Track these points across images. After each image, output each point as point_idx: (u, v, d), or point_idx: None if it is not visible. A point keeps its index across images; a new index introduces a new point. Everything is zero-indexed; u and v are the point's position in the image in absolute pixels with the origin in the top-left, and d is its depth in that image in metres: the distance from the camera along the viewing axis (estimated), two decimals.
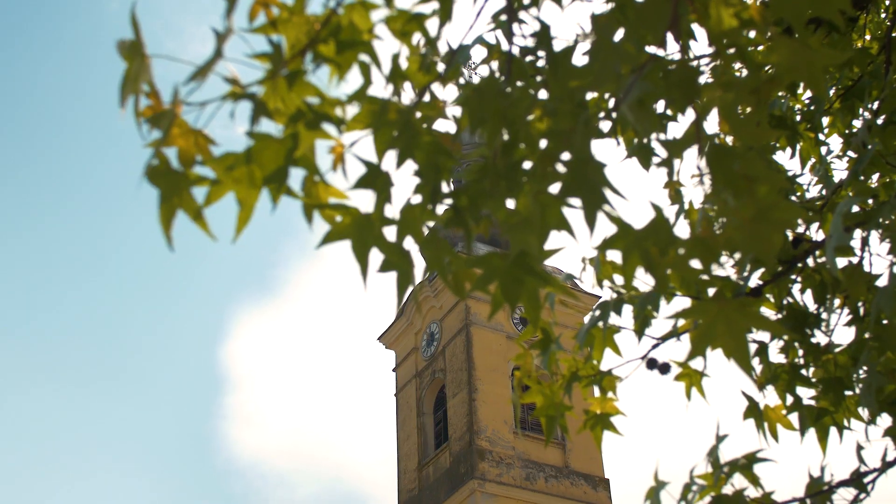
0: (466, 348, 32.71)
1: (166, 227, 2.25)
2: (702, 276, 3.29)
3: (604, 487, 32.33)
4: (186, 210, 2.26)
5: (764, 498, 3.33)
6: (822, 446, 3.77)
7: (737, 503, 3.22)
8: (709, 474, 3.25)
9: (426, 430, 33.94)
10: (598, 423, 3.78)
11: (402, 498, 33.41)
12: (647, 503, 3.18)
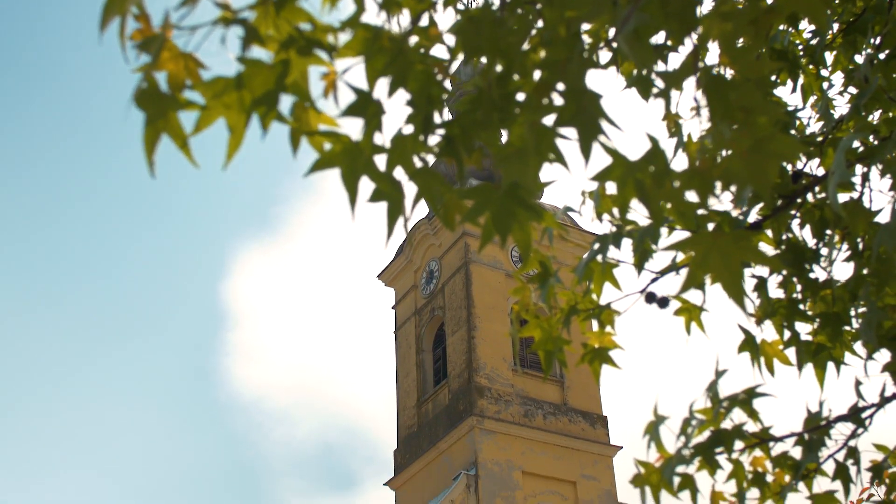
0: (466, 286, 32.75)
1: (149, 151, 2.22)
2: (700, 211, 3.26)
3: (602, 425, 32.54)
4: (172, 136, 2.22)
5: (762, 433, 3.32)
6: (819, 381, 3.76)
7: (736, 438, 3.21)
8: (708, 409, 3.25)
9: (425, 367, 34.09)
10: (596, 358, 3.77)
11: (402, 434, 33.63)
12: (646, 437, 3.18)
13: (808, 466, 3.41)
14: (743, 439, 3.27)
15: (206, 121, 2.26)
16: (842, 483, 3.48)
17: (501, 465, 29.99)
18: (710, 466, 3.19)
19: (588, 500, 30.87)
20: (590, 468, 31.46)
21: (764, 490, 3.37)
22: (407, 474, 32.42)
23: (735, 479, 3.34)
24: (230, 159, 2.31)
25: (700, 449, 3.17)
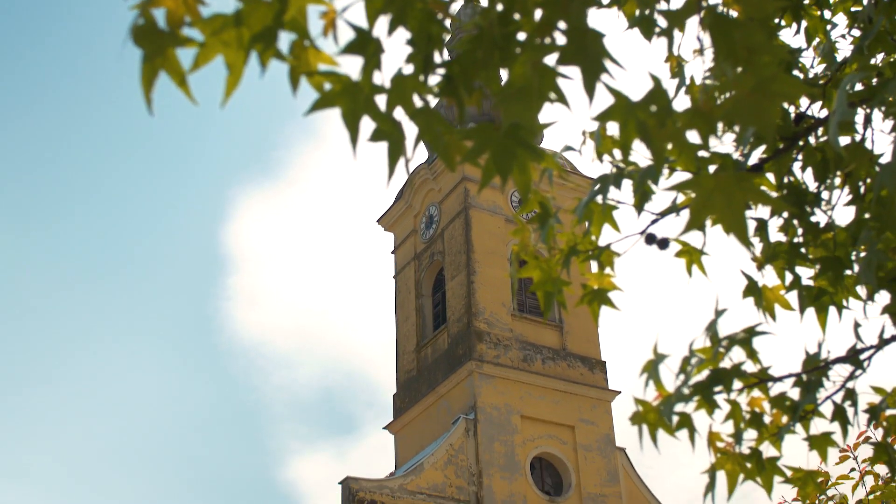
0: (465, 231, 32.77)
1: (147, 88, 2.21)
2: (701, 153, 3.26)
3: (600, 370, 32.68)
4: (171, 73, 2.21)
5: (761, 373, 3.33)
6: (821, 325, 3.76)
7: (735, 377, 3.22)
8: (707, 348, 3.25)
9: (425, 311, 34.18)
10: (595, 299, 3.77)
11: (401, 378, 33.79)
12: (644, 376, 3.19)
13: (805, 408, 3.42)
14: (742, 379, 3.28)
15: (205, 58, 2.25)
16: (839, 424, 3.49)
17: (500, 409, 30.16)
18: (708, 406, 3.19)
19: (586, 445, 31.07)
20: (588, 413, 31.64)
21: (761, 431, 3.39)
22: (406, 418, 32.60)
23: (732, 420, 3.35)
24: (228, 97, 2.30)
25: (698, 388, 3.18)
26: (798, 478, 3.39)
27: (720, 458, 3.32)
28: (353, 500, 26.96)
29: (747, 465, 3.32)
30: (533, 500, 29.48)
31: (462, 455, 29.18)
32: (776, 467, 3.35)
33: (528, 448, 30.22)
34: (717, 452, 3.34)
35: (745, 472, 3.32)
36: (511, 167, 2.52)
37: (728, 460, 3.32)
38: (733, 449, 3.34)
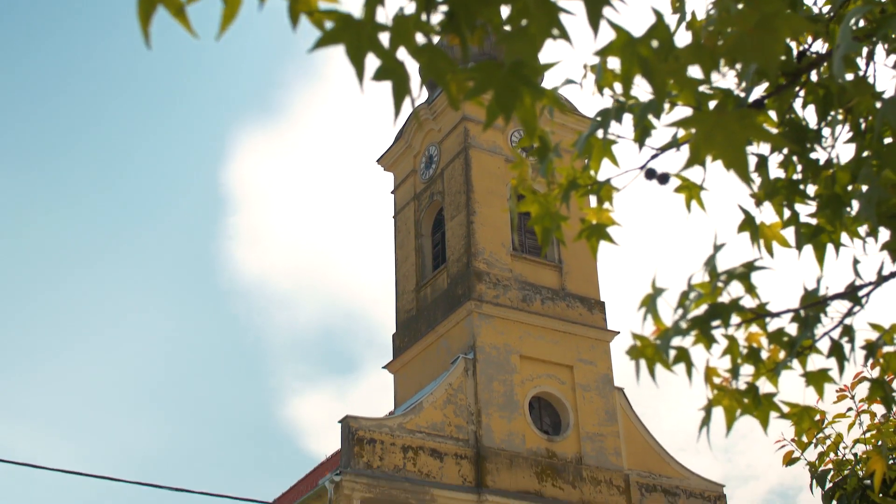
0: (465, 171, 32.72)
1: (144, 22, 2.19)
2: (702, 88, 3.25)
3: (599, 310, 32.78)
4: (167, 6, 2.19)
5: (759, 308, 3.34)
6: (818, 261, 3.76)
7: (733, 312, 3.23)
8: (706, 283, 3.25)
9: (424, 251, 34.22)
10: (593, 234, 3.77)
11: (400, 318, 33.90)
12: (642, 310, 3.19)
13: (803, 343, 3.42)
14: (740, 314, 3.28)
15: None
16: (836, 361, 3.50)
17: (499, 349, 30.30)
18: (705, 340, 3.20)
19: (585, 384, 31.25)
20: (587, 352, 31.78)
21: (758, 366, 3.40)
22: (405, 357, 32.75)
23: (730, 355, 3.36)
24: (224, 29, 2.29)
25: (696, 322, 3.18)
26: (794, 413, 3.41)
27: (717, 393, 3.33)
28: (352, 438, 27.16)
29: (744, 401, 3.34)
30: (531, 439, 29.70)
31: (461, 394, 29.35)
32: (773, 403, 3.36)
33: (526, 387, 30.40)
34: (713, 388, 3.36)
35: (741, 407, 3.34)
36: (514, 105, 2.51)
37: (725, 396, 3.33)
38: (730, 384, 3.35)
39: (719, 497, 32.47)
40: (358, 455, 27.05)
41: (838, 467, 8.44)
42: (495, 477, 28.44)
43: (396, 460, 27.53)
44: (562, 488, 29.38)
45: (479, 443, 28.84)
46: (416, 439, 28.04)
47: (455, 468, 28.26)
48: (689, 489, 31.98)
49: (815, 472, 8.47)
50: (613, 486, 30.30)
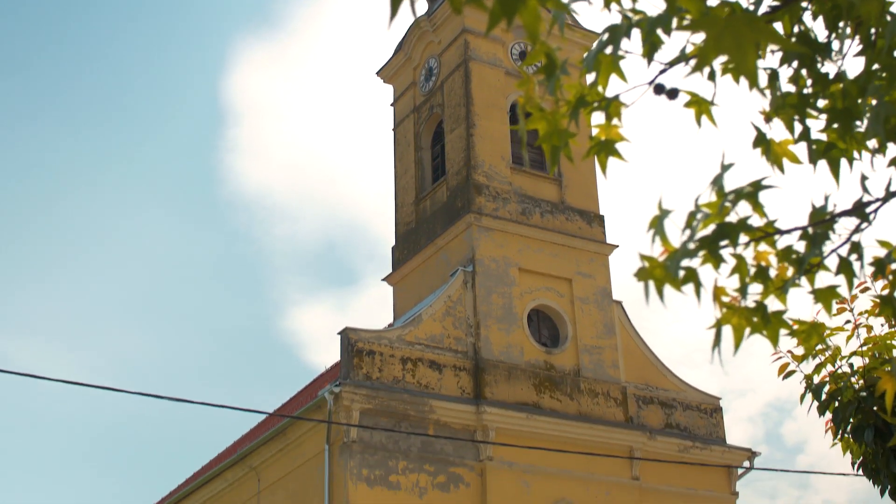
0: (465, 83, 32.49)
1: None
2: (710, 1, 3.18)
3: (599, 223, 32.79)
4: None
5: (767, 226, 3.31)
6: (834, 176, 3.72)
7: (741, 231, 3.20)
8: (713, 202, 3.22)
9: (424, 164, 34.12)
10: (602, 150, 3.72)
11: (400, 231, 33.90)
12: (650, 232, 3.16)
13: (811, 261, 3.40)
14: (748, 233, 3.25)
15: None
16: (845, 277, 3.48)
17: (498, 261, 30.35)
18: (713, 260, 3.18)
19: (583, 298, 31.35)
20: (586, 266, 31.84)
21: (767, 284, 3.38)
22: (405, 270, 32.81)
23: (738, 274, 3.34)
24: None
25: (704, 242, 3.16)
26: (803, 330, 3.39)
27: (726, 312, 3.32)
28: (351, 350, 27.31)
29: (753, 319, 3.32)
30: (530, 352, 29.89)
31: (460, 307, 29.46)
32: (782, 320, 3.35)
33: (525, 300, 30.51)
34: (722, 307, 3.34)
35: (750, 325, 3.32)
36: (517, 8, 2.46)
37: (734, 314, 3.31)
38: (739, 303, 3.34)
39: (716, 410, 32.77)
40: (357, 367, 27.22)
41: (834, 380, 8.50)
42: (494, 389, 28.66)
43: (395, 372, 27.72)
44: (560, 400, 29.63)
45: (477, 355, 29.02)
46: (415, 351, 28.20)
47: (454, 380, 28.47)
48: (685, 402, 32.26)
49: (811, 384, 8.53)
50: (611, 398, 30.56)
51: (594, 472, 29.15)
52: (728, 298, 3.35)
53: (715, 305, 3.34)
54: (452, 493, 27.25)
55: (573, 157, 3.71)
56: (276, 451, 29.34)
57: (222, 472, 31.93)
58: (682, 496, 30.84)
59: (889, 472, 8.50)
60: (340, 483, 26.24)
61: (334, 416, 26.50)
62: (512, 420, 28.32)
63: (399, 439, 27.03)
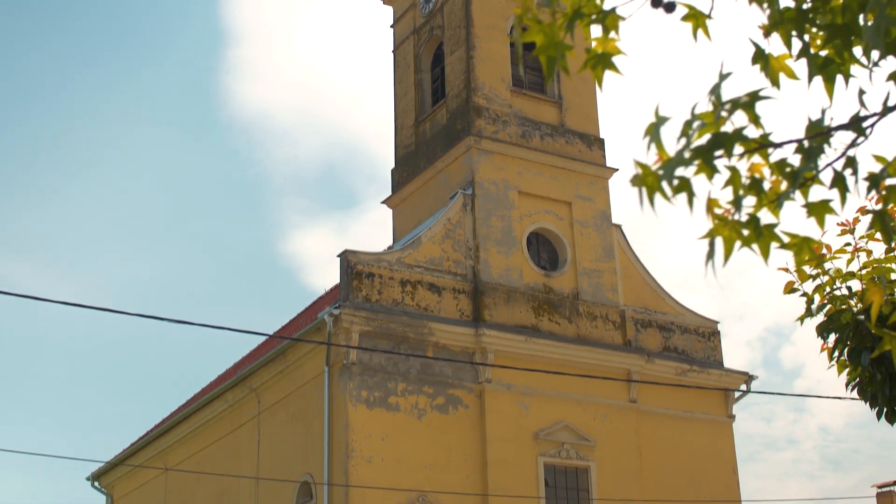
0: (465, 5, 32.19)
1: None
2: None
3: (598, 146, 32.68)
4: None
5: (762, 138, 3.30)
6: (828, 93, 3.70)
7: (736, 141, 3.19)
8: (709, 112, 3.21)
9: (423, 86, 33.92)
10: (599, 63, 3.70)
11: (399, 153, 33.80)
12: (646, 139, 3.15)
13: (805, 174, 3.40)
14: (743, 143, 3.24)
15: None
16: (838, 192, 3.48)
17: (498, 184, 30.31)
18: (708, 170, 3.17)
19: (583, 221, 31.37)
20: (585, 189, 31.81)
21: (760, 197, 3.38)
22: (404, 192, 32.78)
23: (732, 186, 3.33)
24: None
25: (699, 152, 3.15)
26: (794, 244, 3.39)
27: (718, 224, 3.32)
28: (351, 272, 27.38)
29: (744, 232, 3.32)
30: (529, 275, 29.97)
31: (459, 229, 29.48)
32: (773, 234, 3.35)
33: (524, 223, 30.52)
34: (715, 218, 3.34)
35: (741, 238, 3.32)
36: None
37: (726, 226, 3.31)
38: (731, 215, 3.34)
39: (714, 333, 32.95)
40: (357, 289, 27.31)
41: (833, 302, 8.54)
42: (493, 311, 28.79)
43: (395, 294, 27.82)
44: (558, 323, 29.78)
45: (476, 278, 29.10)
46: (414, 274, 28.28)
47: (453, 302, 28.58)
48: (683, 325, 32.41)
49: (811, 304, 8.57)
50: (609, 321, 30.71)
51: (592, 395, 29.38)
52: (721, 210, 3.35)
53: (708, 217, 3.34)
54: (451, 414, 27.49)
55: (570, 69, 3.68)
56: (276, 372, 29.54)
57: (223, 393, 32.18)
58: (679, 419, 31.13)
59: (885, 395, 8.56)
60: (340, 404, 26.47)
61: (334, 338, 26.65)
62: (511, 342, 28.49)
63: (398, 361, 27.20)
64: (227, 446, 32.53)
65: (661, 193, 3.14)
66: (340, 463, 26.01)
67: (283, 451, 29.15)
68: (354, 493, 25.53)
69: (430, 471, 26.72)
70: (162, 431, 36.22)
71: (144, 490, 38.28)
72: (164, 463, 36.32)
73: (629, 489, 29.13)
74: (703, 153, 3.14)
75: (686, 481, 30.52)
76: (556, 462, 28.53)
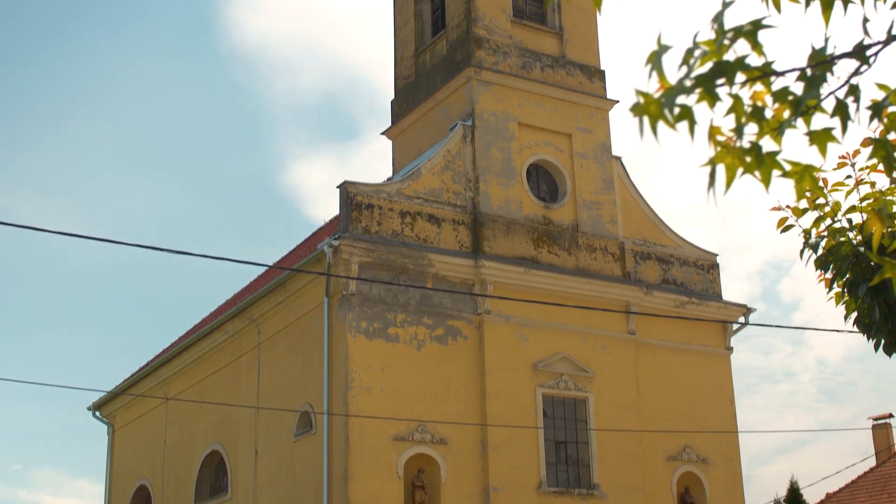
0: None
1: None
2: None
3: (599, 78, 32.48)
4: None
5: (765, 66, 3.27)
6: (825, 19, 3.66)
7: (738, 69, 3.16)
8: (711, 40, 3.17)
9: (423, 17, 33.63)
10: None
11: (399, 84, 33.61)
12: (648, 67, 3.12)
13: (808, 102, 3.37)
14: (745, 72, 3.21)
15: None
16: (840, 120, 3.45)
17: (498, 115, 30.18)
18: (709, 98, 3.14)
19: (583, 152, 31.27)
20: (586, 121, 31.67)
21: (762, 125, 3.35)
22: (404, 124, 32.64)
23: (734, 114, 3.30)
24: None
25: (701, 80, 3.12)
26: (796, 172, 3.38)
27: (720, 151, 3.29)
28: (350, 203, 27.35)
29: (746, 159, 3.30)
30: (528, 206, 29.93)
31: (459, 161, 29.40)
32: (775, 161, 3.33)
33: (524, 155, 30.44)
34: (717, 146, 3.32)
35: (744, 165, 3.30)
36: None
37: (728, 154, 3.29)
38: (733, 143, 3.31)
39: (713, 266, 32.99)
40: (356, 220, 27.29)
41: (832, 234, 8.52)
42: (492, 243, 28.80)
43: (394, 225, 27.81)
44: (557, 255, 29.81)
45: (476, 209, 29.07)
46: (413, 205, 28.24)
47: (452, 234, 28.58)
48: (682, 258, 32.45)
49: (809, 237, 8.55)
50: (608, 253, 30.73)
51: (591, 327, 29.49)
52: (723, 138, 3.33)
53: (710, 145, 3.32)
54: (450, 345, 27.61)
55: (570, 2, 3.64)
56: (275, 303, 29.62)
57: (223, 324, 32.30)
58: (677, 351, 31.28)
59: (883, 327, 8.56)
60: (339, 335, 26.57)
61: (333, 269, 26.68)
62: (510, 274, 28.53)
63: (398, 292, 27.26)
64: (227, 376, 32.72)
65: (665, 121, 3.11)
66: (340, 393, 26.17)
67: (282, 381, 29.31)
68: (354, 423, 25.72)
69: (429, 401, 26.89)
70: (162, 362, 36.41)
71: (145, 420, 38.57)
72: (164, 393, 36.56)
73: (627, 420, 29.35)
74: (705, 81, 3.11)
75: (683, 412, 30.75)
76: (554, 393, 28.71)
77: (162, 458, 36.59)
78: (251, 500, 30.17)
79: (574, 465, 28.73)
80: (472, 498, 26.88)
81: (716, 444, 31.06)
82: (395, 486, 25.99)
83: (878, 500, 42.76)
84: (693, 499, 30.44)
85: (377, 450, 25.93)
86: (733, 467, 31.39)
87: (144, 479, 37.94)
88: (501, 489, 27.09)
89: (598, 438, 28.80)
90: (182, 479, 34.94)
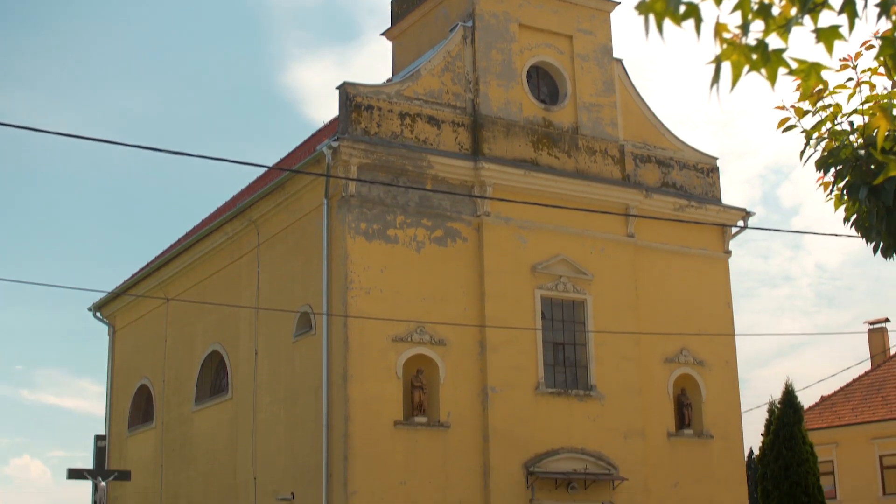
0: None
1: None
2: None
3: None
4: None
5: None
6: None
7: None
8: None
9: None
10: None
11: None
12: None
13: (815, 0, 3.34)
14: None
15: None
16: (847, 18, 3.41)
17: (498, 16, 29.85)
18: None
19: (583, 55, 31.01)
20: (587, 22, 31.34)
21: (769, 22, 3.31)
22: (404, 24, 32.32)
23: (740, 11, 3.26)
24: None
25: None
26: (802, 70, 3.34)
27: (726, 48, 3.26)
28: (350, 104, 27.18)
29: (752, 57, 3.26)
30: (528, 108, 29.77)
31: (459, 62, 29.16)
32: (781, 59, 3.30)
33: (525, 56, 30.18)
34: (723, 43, 3.28)
35: (749, 63, 3.27)
36: None
37: (734, 51, 3.25)
38: (740, 40, 3.27)
39: (712, 169, 32.91)
40: (356, 121, 27.15)
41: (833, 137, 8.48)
42: (492, 145, 28.69)
43: (394, 127, 27.67)
44: (557, 157, 29.72)
45: (476, 111, 28.91)
46: (413, 106, 28.08)
47: (452, 135, 28.46)
48: (682, 161, 32.36)
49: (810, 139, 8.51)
50: (608, 155, 30.64)
51: (590, 229, 29.53)
52: (729, 35, 3.29)
53: (716, 42, 3.28)
54: (450, 247, 27.66)
55: None
56: (275, 204, 29.59)
57: (222, 225, 32.31)
58: (675, 254, 31.36)
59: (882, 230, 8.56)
60: (339, 236, 26.60)
61: (333, 171, 26.60)
62: (509, 176, 28.48)
63: (397, 194, 27.22)
64: (226, 277, 32.83)
65: (671, 18, 3.07)
66: (339, 294, 26.29)
67: (282, 282, 29.42)
68: (353, 324, 25.88)
69: (428, 302, 27.03)
70: (163, 263, 36.50)
71: (145, 320, 38.79)
72: (164, 293, 36.71)
73: (625, 322, 29.53)
74: None
75: (681, 315, 30.92)
76: (552, 295, 28.85)
77: (163, 358, 36.88)
78: (251, 400, 30.47)
79: (572, 366, 28.98)
80: (470, 398, 27.15)
81: (713, 347, 31.30)
82: (393, 386, 26.24)
83: (873, 402, 43.28)
84: (689, 400, 30.77)
85: (376, 350, 26.13)
86: (730, 370, 31.67)
87: (145, 379, 38.28)
88: (499, 390, 27.36)
89: (596, 340, 29.01)
90: (183, 380, 35.26)
